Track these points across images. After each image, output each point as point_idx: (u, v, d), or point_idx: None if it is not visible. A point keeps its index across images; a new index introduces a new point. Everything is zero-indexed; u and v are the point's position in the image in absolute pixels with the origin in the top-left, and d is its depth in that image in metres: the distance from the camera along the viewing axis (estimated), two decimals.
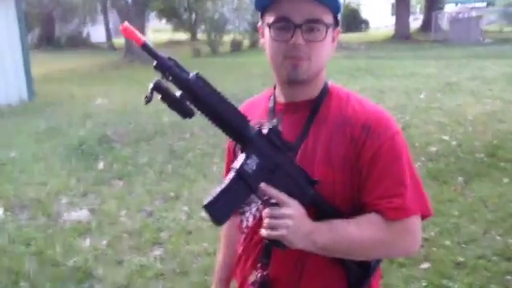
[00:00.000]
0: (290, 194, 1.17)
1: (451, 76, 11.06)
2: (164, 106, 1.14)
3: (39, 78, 11.87)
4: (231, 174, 1.17)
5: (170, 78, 1.11)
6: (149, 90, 1.09)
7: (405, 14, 24.44)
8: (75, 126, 7.66)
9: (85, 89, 11.26)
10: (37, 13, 21.26)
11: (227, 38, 21.32)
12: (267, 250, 1.28)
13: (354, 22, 30.43)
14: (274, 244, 1.19)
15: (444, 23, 24.34)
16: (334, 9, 1.23)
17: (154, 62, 1.10)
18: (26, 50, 10.65)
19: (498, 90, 9.16)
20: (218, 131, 1.20)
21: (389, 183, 1.20)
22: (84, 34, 26.65)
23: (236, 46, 20.86)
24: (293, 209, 1.16)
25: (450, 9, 30.92)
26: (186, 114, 1.13)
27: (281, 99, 1.33)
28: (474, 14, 23.67)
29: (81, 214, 4.52)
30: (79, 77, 13.52)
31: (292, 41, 1.19)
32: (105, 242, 3.96)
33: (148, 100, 1.11)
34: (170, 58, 1.11)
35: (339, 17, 1.27)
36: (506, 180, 4.81)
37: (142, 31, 18.21)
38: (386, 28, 30.58)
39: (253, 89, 10.42)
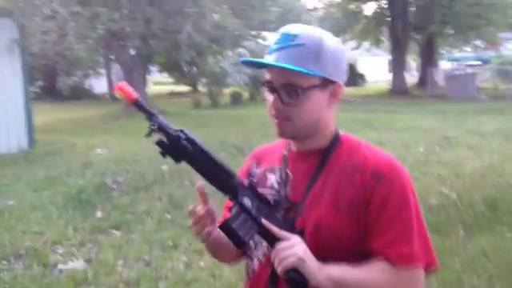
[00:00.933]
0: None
1: (449, 130, 11.19)
2: None
3: (40, 128, 11.95)
4: (233, 209, 1.25)
5: (159, 132, 1.22)
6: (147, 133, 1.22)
7: (401, 69, 24.99)
8: (74, 175, 7.65)
9: (85, 139, 11.33)
10: (40, 65, 21.69)
11: (227, 91, 21.66)
12: None
13: (351, 76, 30.99)
14: (292, 282, 1.18)
15: (440, 79, 24.85)
16: (316, 71, 1.27)
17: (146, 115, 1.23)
18: (29, 100, 10.79)
19: (495, 145, 9.25)
20: None
21: (397, 230, 1.23)
22: (86, 86, 27.08)
23: (236, 99, 21.16)
24: (297, 240, 1.20)
25: (444, 66, 31.62)
26: (176, 159, 1.23)
27: (294, 148, 1.41)
28: (469, 71, 24.19)
29: (77, 264, 4.44)
30: (80, 127, 13.61)
31: (273, 103, 1.30)
32: None
33: (149, 134, 1.22)
34: (159, 113, 1.24)
35: (332, 75, 1.30)
36: (509, 235, 4.77)
37: (144, 84, 18.53)
38: (383, 83, 31.21)
39: (252, 140, 10.49)
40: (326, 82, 1.31)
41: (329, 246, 1.26)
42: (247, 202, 1.26)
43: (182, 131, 1.23)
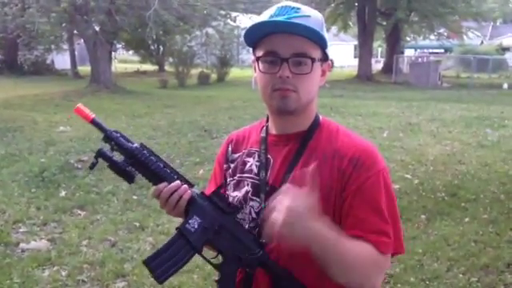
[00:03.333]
0: (236, 255, 1.23)
1: (412, 117, 11.43)
2: (131, 133, 1.24)
3: (0, 104, 11.56)
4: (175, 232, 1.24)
5: (115, 148, 1.25)
6: (94, 158, 1.25)
7: (367, 56, 25.25)
8: (36, 153, 7.46)
9: (47, 115, 11.04)
10: (0, 38, 20.91)
11: (195, 72, 21.44)
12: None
13: None
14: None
15: (404, 67, 25.27)
16: (322, 44, 1.28)
17: (102, 135, 1.27)
18: None
19: (456, 132, 9.51)
20: (185, 159, 1.27)
21: (373, 219, 1.23)
22: (48, 61, 26.28)
23: (203, 80, 20.99)
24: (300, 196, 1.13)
25: (409, 53, 32.14)
26: (130, 177, 1.26)
27: (273, 131, 1.37)
28: (432, 59, 24.68)
29: (40, 244, 4.35)
30: (42, 103, 13.24)
31: (279, 74, 1.24)
32: (65, 273, 3.82)
33: (92, 166, 1.27)
34: (116, 131, 1.27)
35: (328, 51, 1.32)
36: (466, 219, 4.94)
37: (109, 61, 18.12)
38: (349, 68, 31.48)
39: (220, 121, 10.49)
40: (325, 58, 1.31)
41: None
42: (192, 223, 1.24)
43: (141, 145, 1.27)
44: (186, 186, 1.27)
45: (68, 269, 3.89)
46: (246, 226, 1.32)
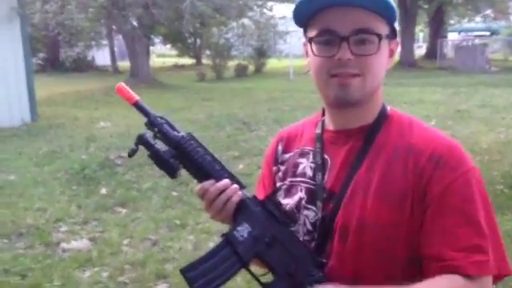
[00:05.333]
0: (290, 274, 1.04)
1: (460, 103, 10.91)
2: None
3: (43, 101, 11.72)
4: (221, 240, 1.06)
5: (159, 136, 1.09)
6: (134, 145, 1.09)
7: (409, 41, 24.48)
8: (77, 150, 7.45)
9: (88, 112, 11.11)
10: (42, 36, 21.32)
11: (232, 64, 21.29)
12: None
13: None
14: None
15: (449, 51, 24.37)
16: (389, 17, 1.05)
17: (145, 119, 1.11)
18: (30, 72, 10.52)
19: (510, 119, 8.98)
20: (224, 153, 1.05)
21: (466, 231, 0.99)
22: (89, 57, 26.70)
23: (241, 72, 20.80)
24: None
25: (453, 37, 31.00)
26: (172, 170, 1.09)
27: (330, 126, 1.16)
28: (478, 42, 23.69)
29: (81, 244, 4.27)
30: (83, 100, 13.37)
31: (338, 56, 1.02)
32: (106, 275, 3.71)
33: (132, 153, 1.10)
34: (161, 117, 1.11)
35: (396, 26, 1.08)
36: None
37: (147, 56, 18.19)
38: None
39: (259, 114, 10.27)
40: (394, 34, 1.09)
41: (377, 248, 1.03)
42: (241, 231, 1.05)
43: (189, 134, 1.10)
44: (236, 186, 1.08)
45: (109, 270, 3.78)
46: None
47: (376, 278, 1.03)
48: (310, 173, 1.15)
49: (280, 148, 1.26)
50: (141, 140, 1.08)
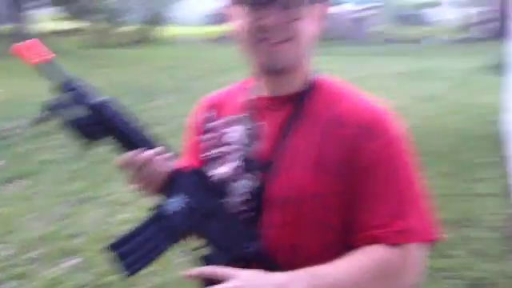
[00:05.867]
0: (227, 247, 1.00)
1: (354, 72, 11.47)
2: None
3: None
4: (149, 214, 0.99)
5: (76, 99, 0.97)
6: (40, 112, 0.95)
7: None
8: None
9: None
10: None
11: (127, 29, 20.43)
12: None
13: None
14: None
15: (342, 21, 25.33)
16: None
17: (55, 82, 0.97)
18: None
19: (399, 86, 9.64)
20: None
21: (391, 200, 1.00)
22: None
23: (138, 38, 20.02)
24: (243, 277, 0.94)
25: (346, 7, 32.22)
26: (93, 139, 0.97)
27: (262, 92, 1.11)
28: (366, 13, 24.86)
29: None
30: None
31: (265, 20, 0.98)
32: (12, 252, 3.52)
33: (39, 121, 0.96)
34: (79, 79, 0.99)
35: None
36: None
37: (34, 18, 16.88)
38: None
39: (160, 82, 10.06)
40: None
41: (315, 218, 1.03)
42: (175, 202, 0.99)
43: (111, 98, 1.00)
44: (168, 154, 1.02)
45: (14, 246, 3.58)
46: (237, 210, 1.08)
47: (314, 247, 1.04)
48: (245, 140, 1.11)
49: (207, 115, 1.20)
50: (53, 105, 0.95)
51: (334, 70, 11.06)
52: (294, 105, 1.08)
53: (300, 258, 1.01)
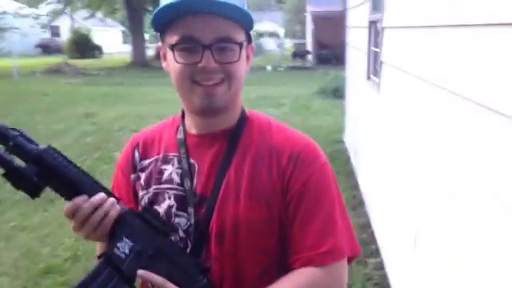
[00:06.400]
0: (176, 284, 1.00)
1: None
2: None
3: None
4: (100, 260, 1.01)
5: (14, 150, 0.95)
6: None
7: (141, 42, 24.90)
8: None
9: None
10: None
11: None
12: None
13: (88, 47, 29.55)
14: None
15: None
16: (247, 24, 1.09)
17: None
18: None
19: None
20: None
21: (319, 223, 1.06)
22: None
23: None
24: None
25: None
26: (36, 189, 0.96)
27: (192, 130, 1.15)
28: None
29: None
30: None
31: (202, 64, 1.02)
32: None
33: None
34: (13, 129, 0.97)
35: (252, 33, 1.14)
36: None
37: None
38: (119, 54, 30.52)
39: (35, 121, 8.99)
40: (249, 40, 1.12)
41: (253, 245, 1.07)
42: (122, 247, 1.00)
43: (50, 146, 0.98)
44: (112, 199, 1.01)
45: None
46: None
47: (254, 272, 1.08)
48: (176, 179, 1.12)
49: (137, 154, 1.20)
50: None
51: (178, 100, 11.24)
52: (228, 140, 1.12)
53: (244, 285, 1.08)
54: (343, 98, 7.80)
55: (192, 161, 1.12)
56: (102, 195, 0.99)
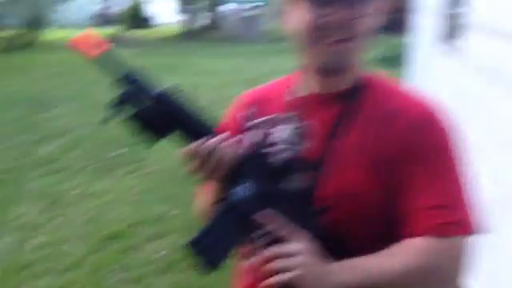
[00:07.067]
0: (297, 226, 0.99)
1: (252, 71, 11.60)
2: None
3: None
4: (220, 205, 0.99)
5: (136, 92, 0.96)
6: (112, 104, 0.93)
7: (191, 11, 24.93)
8: None
9: None
10: None
11: (6, 34, 18.71)
12: None
13: (139, 18, 29.86)
14: None
15: (231, 21, 25.53)
16: None
17: (117, 75, 0.95)
18: None
19: None
20: (21, 141, 0.93)
21: (439, 190, 1.00)
22: None
23: (10, 44, 18.29)
24: (303, 243, 0.96)
25: (232, 7, 32.53)
26: (166, 129, 0.97)
27: (310, 90, 1.10)
28: (255, 12, 25.29)
29: None
30: None
31: (329, 18, 0.97)
32: None
33: (108, 119, 0.95)
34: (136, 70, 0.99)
35: None
36: None
37: None
38: (171, 25, 30.73)
39: (52, 91, 9.39)
40: None
41: (366, 213, 1.03)
42: (243, 188, 0.98)
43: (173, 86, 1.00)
44: (232, 140, 1.00)
45: None
46: None
47: (366, 239, 1.03)
48: (293, 139, 1.09)
49: (248, 112, 1.17)
50: (119, 100, 0.94)
51: (233, 70, 11.23)
52: (345, 102, 1.07)
53: (352, 249, 1.01)
54: (402, 67, 7.53)
55: (308, 122, 1.08)
56: (221, 136, 0.99)
